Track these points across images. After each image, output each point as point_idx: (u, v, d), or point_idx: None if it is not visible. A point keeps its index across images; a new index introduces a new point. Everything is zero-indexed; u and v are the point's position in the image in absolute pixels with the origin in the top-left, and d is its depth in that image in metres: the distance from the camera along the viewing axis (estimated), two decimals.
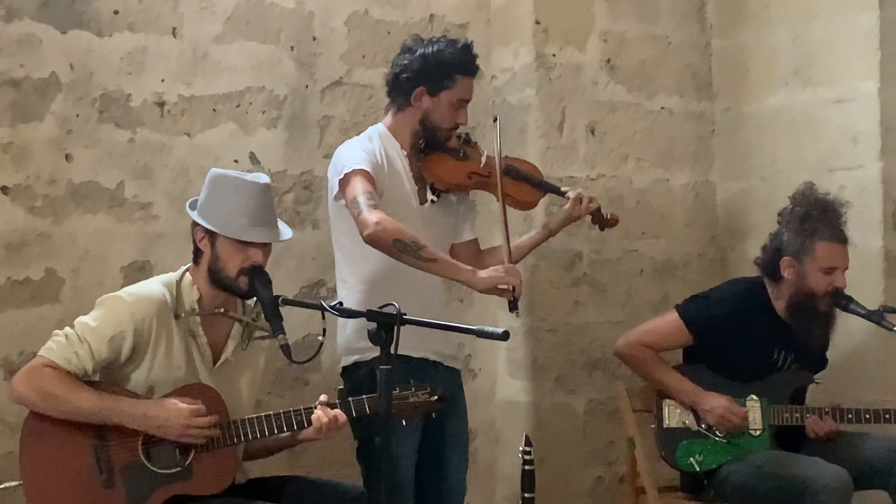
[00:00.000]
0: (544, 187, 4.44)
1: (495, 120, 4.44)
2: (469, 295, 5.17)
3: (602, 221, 4.50)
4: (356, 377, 4.15)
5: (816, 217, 4.49)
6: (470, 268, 4.06)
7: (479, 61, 4.39)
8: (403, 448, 4.09)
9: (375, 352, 3.74)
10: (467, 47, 4.29)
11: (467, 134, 4.39)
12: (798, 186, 4.68)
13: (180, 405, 3.44)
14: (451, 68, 4.22)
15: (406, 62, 4.26)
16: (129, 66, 4.55)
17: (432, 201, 4.32)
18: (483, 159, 4.31)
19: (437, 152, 4.28)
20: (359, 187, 4.04)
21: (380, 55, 5.02)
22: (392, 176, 4.21)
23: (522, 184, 4.36)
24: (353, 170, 4.09)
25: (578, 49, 5.40)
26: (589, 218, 4.48)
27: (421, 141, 4.28)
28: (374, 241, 3.97)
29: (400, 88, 4.28)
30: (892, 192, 5.19)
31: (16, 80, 4.32)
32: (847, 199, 5.00)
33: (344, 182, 4.09)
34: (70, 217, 4.43)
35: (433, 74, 4.22)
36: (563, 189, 4.44)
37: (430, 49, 4.24)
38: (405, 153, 4.28)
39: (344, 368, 4.23)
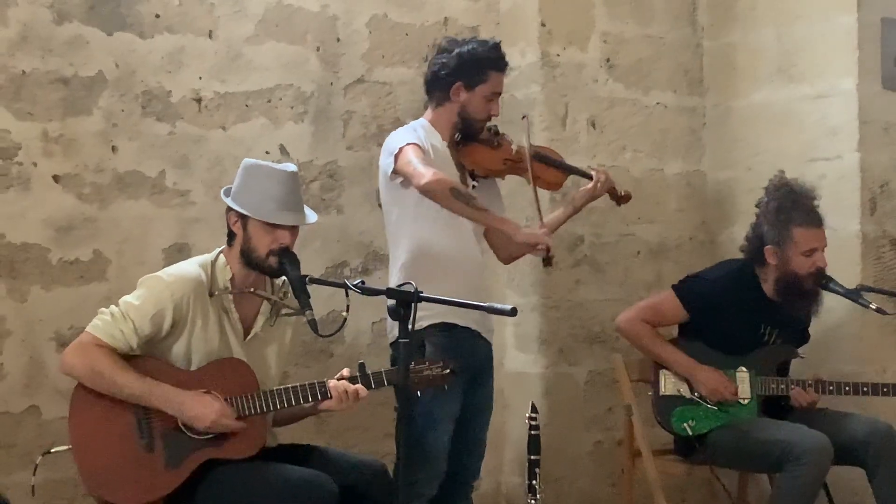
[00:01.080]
0: (569, 170, 4.51)
1: (524, 118, 4.49)
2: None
3: (618, 198, 4.58)
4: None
5: (789, 207, 4.48)
6: (512, 221, 4.22)
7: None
8: (440, 416, 4.11)
9: (424, 322, 3.98)
10: (497, 46, 4.32)
11: (496, 126, 4.39)
12: (770, 179, 4.67)
13: (214, 405, 3.45)
14: (484, 64, 4.25)
15: (444, 61, 4.28)
16: (169, 65, 4.56)
17: (473, 186, 4.33)
18: (514, 148, 4.35)
19: (474, 143, 4.32)
20: (411, 155, 4.09)
21: (397, 55, 5.04)
22: (437, 162, 4.21)
23: (550, 167, 4.43)
24: (406, 144, 4.14)
25: (580, 49, 5.38)
26: (608, 195, 4.52)
27: (458, 133, 4.31)
28: (430, 189, 4.02)
29: (439, 85, 4.30)
30: (869, 180, 5.18)
31: (66, 77, 4.34)
32: (826, 187, 5.04)
33: (398, 155, 4.12)
34: (115, 203, 4.44)
35: (469, 71, 4.24)
36: (588, 172, 4.51)
37: (465, 48, 4.26)
38: (446, 143, 4.30)
39: (391, 343, 4.25)
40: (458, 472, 4.32)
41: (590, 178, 4.50)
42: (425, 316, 4.03)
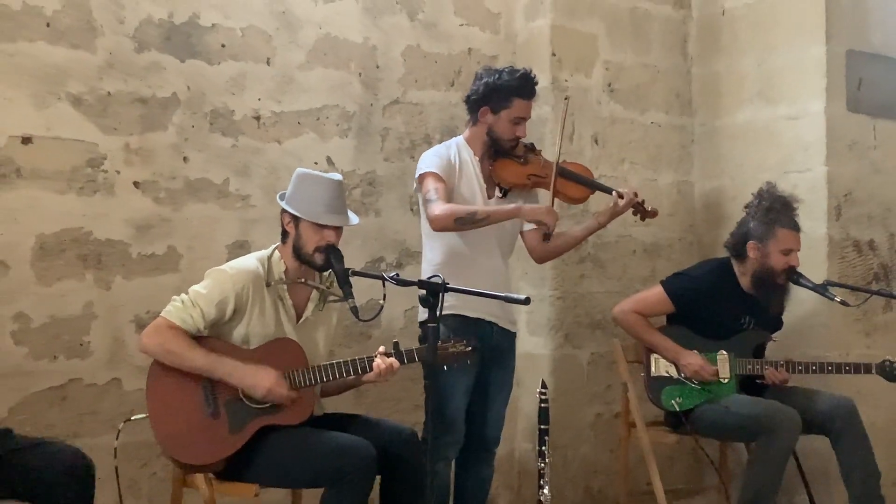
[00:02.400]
0: (593, 186, 4.41)
1: (566, 99, 4.52)
2: None
3: (644, 213, 4.44)
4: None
5: (778, 209, 4.48)
6: (513, 205, 4.17)
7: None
8: (456, 388, 4.12)
9: (455, 309, 4.02)
10: (524, 76, 4.23)
11: (532, 143, 4.37)
12: (762, 185, 4.65)
13: (269, 376, 3.46)
14: (508, 92, 4.19)
15: (475, 87, 4.27)
16: (233, 88, 4.57)
17: (499, 197, 4.29)
18: (541, 163, 4.31)
19: (504, 158, 4.28)
20: (429, 185, 4.11)
21: (428, 79, 5.04)
22: (463, 176, 4.23)
23: (574, 183, 4.33)
24: (425, 172, 4.17)
25: (585, 75, 5.40)
26: (632, 210, 4.40)
27: (492, 149, 4.28)
28: (440, 227, 4.07)
29: (470, 107, 4.29)
30: (835, 190, 5.20)
31: (145, 98, 4.35)
32: (799, 195, 5.01)
33: (419, 181, 4.17)
34: (186, 205, 4.44)
35: (494, 97, 4.20)
36: (611, 188, 4.40)
37: (492, 77, 4.21)
38: (477, 158, 4.27)
39: (420, 323, 4.24)
40: (481, 441, 4.34)
41: (612, 194, 4.38)
42: (448, 305, 4.02)
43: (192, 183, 4.47)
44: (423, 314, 4.23)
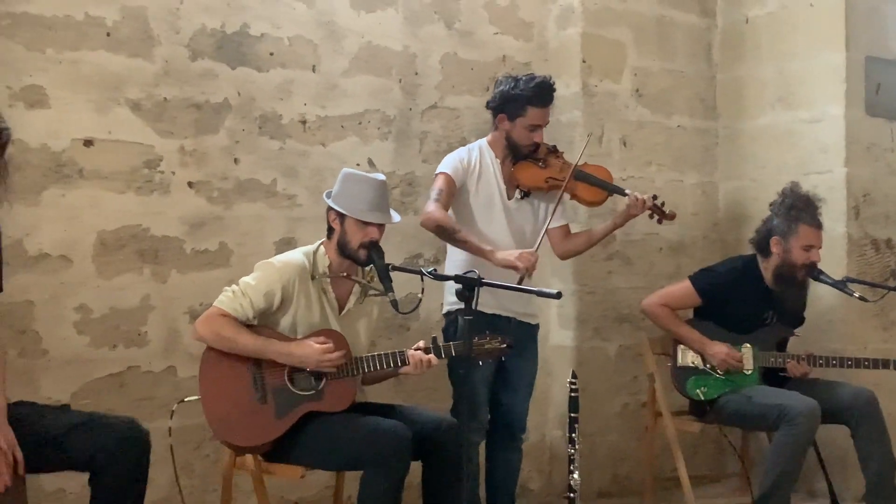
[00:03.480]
0: (609, 189, 4.34)
1: (589, 135, 4.52)
2: None
3: (661, 215, 4.40)
4: (449, 318, 4.25)
5: (801, 207, 4.45)
6: (490, 248, 4.05)
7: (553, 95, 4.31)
8: (477, 378, 4.12)
9: (458, 303, 3.87)
10: (540, 85, 4.19)
11: (555, 146, 4.34)
12: (786, 184, 4.63)
13: (315, 345, 3.47)
14: (523, 101, 4.16)
15: (494, 95, 4.27)
16: (280, 94, 4.58)
17: (518, 198, 4.28)
18: (559, 166, 4.27)
19: (525, 161, 4.25)
20: (436, 185, 4.15)
21: (464, 86, 5.04)
22: (483, 177, 4.23)
23: (591, 186, 4.29)
24: (441, 172, 4.20)
25: (614, 81, 5.39)
26: (648, 214, 4.36)
27: (512, 152, 4.26)
28: (424, 225, 4.10)
29: (493, 113, 4.28)
30: (854, 191, 5.18)
31: (198, 103, 4.38)
32: (820, 196, 5.00)
33: (435, 178, 4.20)
34: (237, 204, 4.47)
35: (509, 106, 4.20)
36: (626, 192, 4.34)
37: (509, 86, 4.19)
38: (499, 161, 4.26)
39: (444, 313, 4.30)
40: (507, 428, 4.35)
41: (625, 196, 4.34)
42: (456, 301, 4.00)
43: (242, 183, 4.49)
44: (446, 306, 4.28)
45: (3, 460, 2.83)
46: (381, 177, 3.70)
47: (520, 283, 3.97)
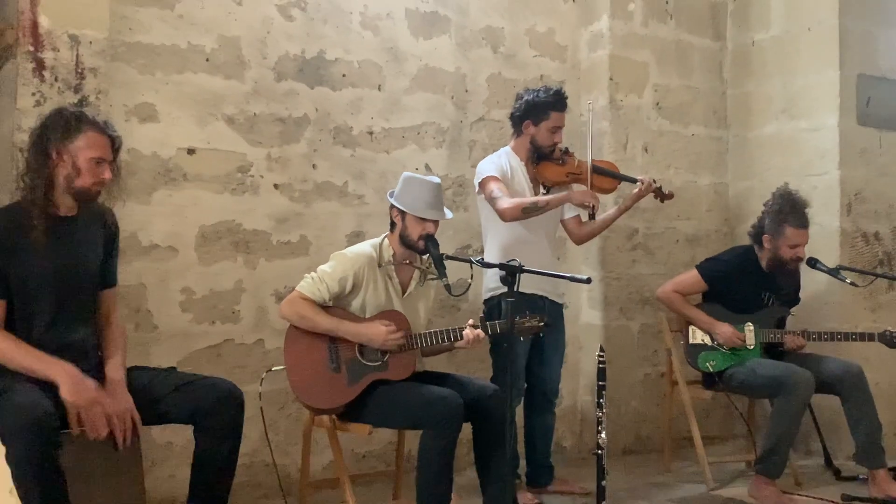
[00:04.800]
0: (620, 178, 4.35)
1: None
2: (564, 255, 5.20)
3: (662, 196, 4.40)
4: (490, 304, 4.24)
5: (787, 210, 4.39)
6: (566, 192, 4.17)
7: (569, 101, 4.31)
8: (521, 350, 4.15)
9: (499, 289, 3.95)
10: (558, 92, 4.22)
11: (567, 147, 4.33)
12: (777, 187, 4.59)
13: (381, 327, 3.48)
14: (546, 107, 4.18)
15: (518, 105, 4.27)
16: (351, 109, 4.60)
17: (542, 193, 4.25)
18: (576, 162, 4.27)
19: (545, 161, 4.24)
20: (493, 186, 4.12)
21: (508, 101, 4.87)
22: (514, 179, 4.22)
23: (604, 177, 4.29)
24: (488, 176, 4.17)
25: (638, 96, 5.39)
26: (652, 195, 4.36)
27: (534, 154, 4.25)
28: (511, 218, 4.08)
29: (515, 122, 4.29)
30: (847, 190, 5.16)
31: (283, 117, 4.41)
32: (816, 194, 5.01)
33: (483, 184, 4.17)
34: (314, 203, 4.49)
35: (534, 112, 4.20)
36: (634, 178, 4.36)
37: (531, 96, 4.22)
38: (523, 163, 4.26)
39: (485, 300, 4.29)
40: (543, 394, 4.35)
41: (635, 182, 4.35)
42: (498, 287, 4.03)
43: (319, 185, 4.51)
44: (487, 292, 4.25)
45: (123, 424, 2.86)
46: (437, 179, 3.70)
47: (591, 217, 4.20)
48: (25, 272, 2.88)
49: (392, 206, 3.67)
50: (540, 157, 4.26)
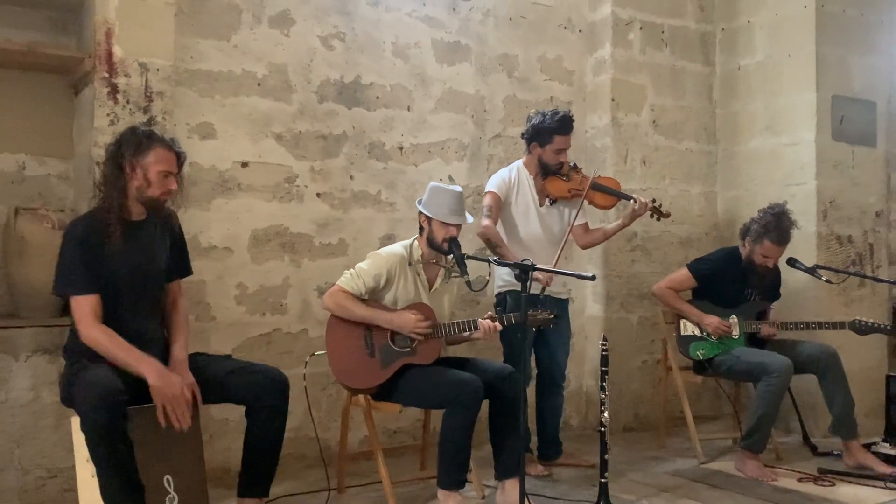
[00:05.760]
0: (618, 195, 4.23)
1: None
2: (571, 255, 5.12)
3: (659, 214, 4.29)
4: (501, 298, 4.21)
5: (771, 228, 4.33)
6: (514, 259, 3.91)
7: (575, 119, 4.24)
8: (528, 341, 4.10)
9: (512, 286, 3.95)
10: (563, 118, 4.12)
11: (575, 163, 4.26)
12: (772, 204, 4.47)
13: (411, 316, 3.48)
14: (550, 132, 4.12)
15: (527, 128, 4.21)
16: (384, 127, 4.61)
17: (548, 205, 4.23)
18: (579, 179, 4.20)
19: (552, 176, 4.20)
20: (487, 202, 4.10)
21: (522, 119, 4.83)
22: (521, 191, 4.19)
23: (604, 194, 4.22)
24: (488, 191, 4.15)
25: (636, 114, 5.37)
26: (650, 213, 4.26)
27: (542, 171, 4.20)
28: (479, 235, 4.08)
29: (526, 142, 4.25)
30: (822, 198, 5.13)
31: (324, 134, 4.42)
32: (796, 202, 4.95)
33: (485, 196, 4.16)
34: (352, 210, 4.51)
35: (540, 136, 4.15)
36: (631, 197, 4.22)
37: (538, 121, 4.14)
38: (531, 177, 4.21)
39: (497, 294, 4.26)
40: (551, 378, 4.33)
41: (631, 201, 4.19)
42: (507, 284, 4.06)
43: (356, 194, 4.53)
44: (497, 288, 4.19)
45: (187, 398, 2.87)
46: (459, 188, 3.69)
47: (541, 293, 3.93)
48: (109, 272, 2.91)
49: (420, 213, 3.66)
50: (546, 173, 4.21)
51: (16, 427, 3.35)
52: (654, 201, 4.31)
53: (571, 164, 4.27)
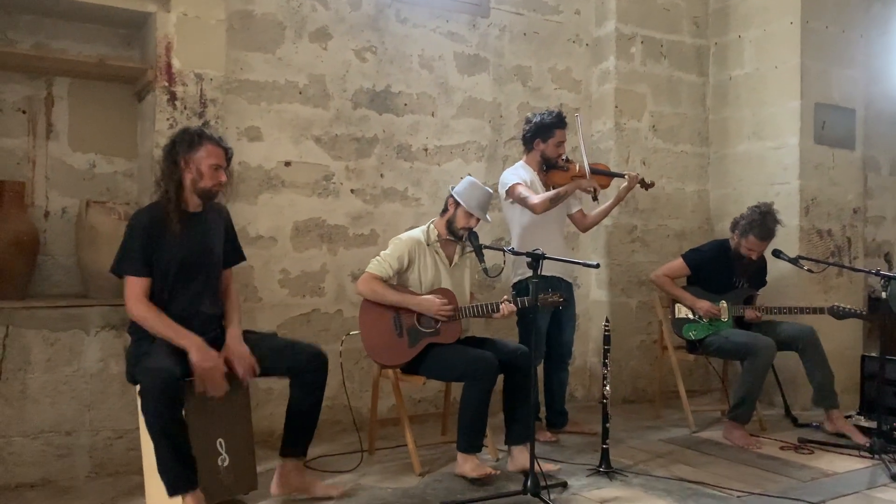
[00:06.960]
0: (612, 174, 4.15)
1: (577, 115, 4.32)
2: (577, 245, 5.17)
3: (645, 185, 4.20)
4: (519, 287, 4.17)
5: (757, 225, 4.29)
6: (574, 183, 3.99)
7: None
8: (543, 320, 4.12)
9: (525, 274, 3.91)
10: (559, 114, 4.09)
11: (567, 157, 4.17)
12: (760, 202, 4.43)
13: (435, 300, 3.49)
14: (551, 126, 4.08)
15: (529, 126, 4.15)
16: (411, 131, 4.60)
17: None
18: (577, 167, 4.14)
19: (553, 170, 4.15)
20: (520, 189, 4.03)
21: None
22: (533, 185, 4.14)
23: (600, 175, 4.13)
24: (514, 183, 4.06)
25: (637, 120, 5.33)
26: (638, 185, 4.15)
27: (544, 165, 4.16)
28: (543, 209, 3.95)
29: (526, 140, 4.18)
30: (805, 196, 5.06)
31: (358, 137, 4.43)
32: (780, 200, 4.91)
33: (510, 191, 4.05)
34: (382, 204, 4.50)
35: (542, 131, 4.10)
36: (622, 174, 4.12)
37: (538, 118, 4.11)
38: (535, 173, 4.16)
39: (513, 283, 4.23)
40: (559, 355, 4.28)
41: (623, 177, 4.12)
42: (524, 272, 4.03)
43: (385, 190, 4.52)
44: (515, 277, 4.14)
45: (244, 362, 2.90)
46: (491, 191, 3.67)
47: (595, 199, 3.98)
48: (168, 256, 2.92)
49: (450, 196, 3.62)
50: (549, 167, 4.17)
51: (87, 393, 3.38)
52: (638, 174, 4.22)
53: (565, 156, 4.23)
